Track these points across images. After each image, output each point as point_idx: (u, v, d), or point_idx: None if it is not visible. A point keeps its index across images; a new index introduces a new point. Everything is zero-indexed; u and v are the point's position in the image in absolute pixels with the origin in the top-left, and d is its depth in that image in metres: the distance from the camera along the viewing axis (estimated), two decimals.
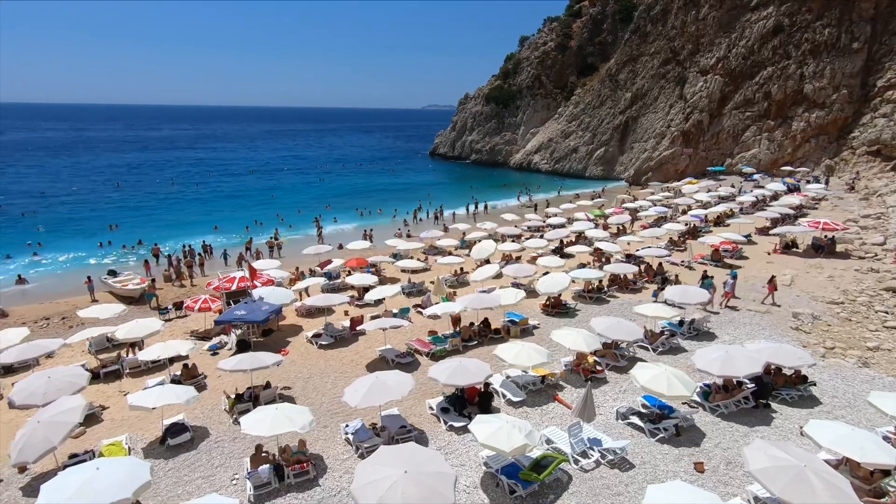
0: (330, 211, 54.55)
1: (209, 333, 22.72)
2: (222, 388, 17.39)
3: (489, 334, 21.17)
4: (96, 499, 9.88)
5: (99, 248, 38.54)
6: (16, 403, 15.34)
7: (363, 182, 78.20)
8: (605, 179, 74.44)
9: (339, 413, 15.74)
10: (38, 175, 79.01)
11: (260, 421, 12.69)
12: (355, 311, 24.69)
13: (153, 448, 14.30)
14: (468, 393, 15.65)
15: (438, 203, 56.79)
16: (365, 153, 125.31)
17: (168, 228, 46.14)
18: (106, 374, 18.96)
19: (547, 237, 36.57)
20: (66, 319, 25.34)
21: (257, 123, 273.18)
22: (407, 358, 19.23)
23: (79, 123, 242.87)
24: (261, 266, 28.30)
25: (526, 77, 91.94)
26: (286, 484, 12.47)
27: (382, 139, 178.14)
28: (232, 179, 79.31)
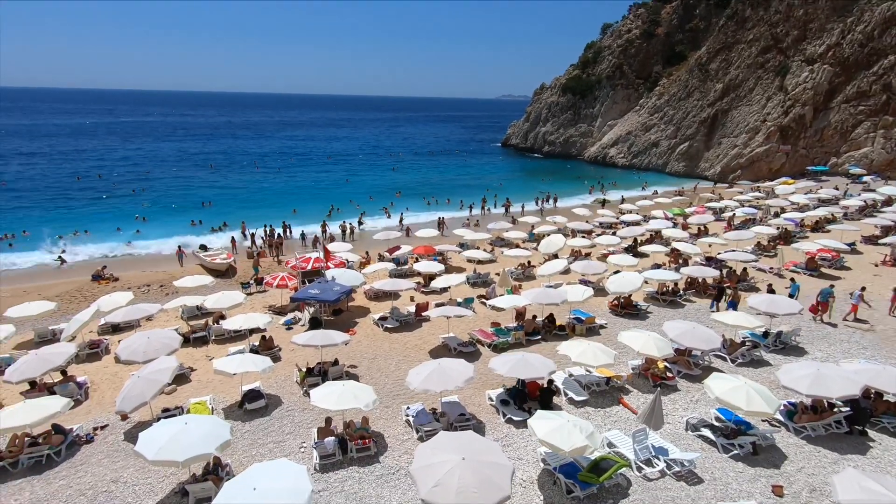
0: (400, 198, 55.77)
1: (285, 309, 24.17)
2: (295, 361, 18.47)
3: (553, 330, 20.79)
4: (185, 450, 10.95)
5: (191, 227, 42.07)
6: (121, 358, 17.27)
7: (434, 171, 79.05)
8: (687, 176, 69.99)
9: (401, 395, 16.20)
10: (144, 156, 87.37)
11: (328, 395, 13.37)
12: (421, 298, 25.18)
13: (232, 410, 15.52)
14: (529, 387, 15.51)
15: (507, 195, 56.26)
16: (437, 143, 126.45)
17: (252, 209, 49.34)
18: (195, 339, 20.78)
19: (620, 234, 35.15)
20: (164, 287, 27.98)
21: (336, 112, 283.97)
22: (469, 347, 19.38)
23: (176, 109, 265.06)
24: (334, 248, 29.60)
25: (606, 66, 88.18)
26: (349, 457, 13.07)
27: (455, 129, 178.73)
28: (311, 165, 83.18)
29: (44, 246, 35.33)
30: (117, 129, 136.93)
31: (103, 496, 11.98)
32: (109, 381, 17.66)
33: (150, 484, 12.34)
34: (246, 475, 9.97)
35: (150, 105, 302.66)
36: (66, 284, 28.03)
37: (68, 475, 12.78)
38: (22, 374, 15.65)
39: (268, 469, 10.10)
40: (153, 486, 12.26)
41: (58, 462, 13.26)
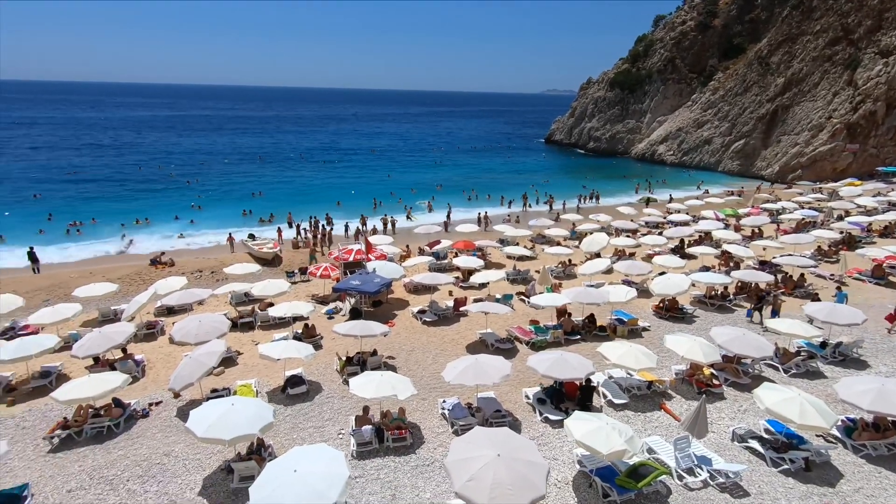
0: (441, 192, 55.97)
1: (327, 299, 24.82)
2: (335, 350, 18.95)
3: (593, 330, 20.38)
4: (231, 430, 11.48)
5: (243, 216, 43.76)
6: (174, 339, 18.26)
7: (475, 166, 78.77)
8: (741, 176, 66.70)
9: (438, 388, 16.33)
10: (199, 149, 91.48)
11: (366, 384, 13.65)
12: (459, 293, 25.24)
13: (275, 394, 16.11)
14: (567, 387, 15.28)
15: (550, 191, 55.40)
16: (479, 138, 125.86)
17: (298, 201, 50.74)
18: (242, 324, 21.68)
19: (667, 234, 33.96)
20: (214, 273, 29.28)
21: (380, 107, 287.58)
22: (507, 344, 19.29)
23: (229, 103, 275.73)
24: (375, 241, 30.08)
25: (658, 60, 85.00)
26: (385, 446, 13.32)
27: (498, 124, 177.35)
28: (355, 159, 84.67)
29: (108, 232, 37.69)
30: (176, 123, 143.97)
31: (157, 468, 12.73)
32: (164, 361, 18.70)
33: (199, 459, 13.01)
34: (287, 457, 10.34)
35: (206, 99, 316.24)
36: (127, 268, 29.81)
37: (126, 446, 13.66)
38: (87, 349, 16.81)
39: (308, 453, 10.43)
40: (201, 462, 12.92)
41: (117, 433, 14.19)
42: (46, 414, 15.15)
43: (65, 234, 37.80)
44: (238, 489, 11.77)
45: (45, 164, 68.43)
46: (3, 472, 12.56)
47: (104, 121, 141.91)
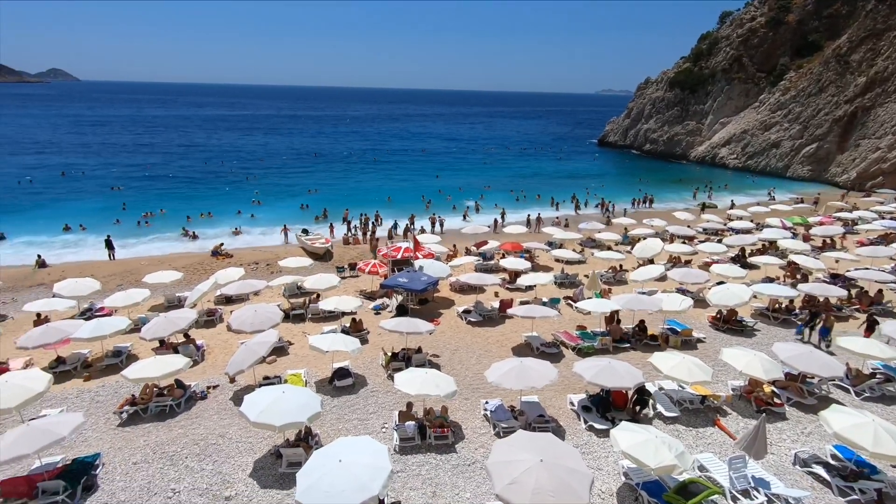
0: (490, 192, 55.79)
1: (375, 294, 25.33)
2: (381, 345, 19.31)
3: (644, 339, 19.68)
4: (281, 416, 11.96)
5: (301, 210, 45.40)
6: (231, 327, 19.23)
7: (525, 167, 77.92)
8: (812, 181, 62.36)
9: (481, 389, 16.30)
10: (259, 146, 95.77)
11: (410, 381, 13.83)
12: (505, 294, 25.08)
13: (323, 385, 16.62)
14: (614, 396, 14.85)
15: (601, 194, 53.98)
16: (530, 138, 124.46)
17: (350, 198, 52.06)
18: (294, 316, 22.52)
19: (727, 242, 32.28)
20: (269, 266, 30.58)
21: (432, 107, 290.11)
22: (552, 348, 18.98)
23: (289, 103, 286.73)
24: (423, 240, 30.40)
25: (723, 59, 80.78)
26: (427, 443, 13.44)
27: (550, 125, 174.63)
28: (405, 158, 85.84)
29: (175, 224, 40.18)
30: (239, 121, 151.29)
31: (212, 448, 13.45)
32: (221, 347, 19.72)
33: (251, 442, 13.64)
34: (333, 447, 10.64)
35: (266, 99, 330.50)
36: (190, 258, 31.68)
37: (185, 425, 14.52)
38: (154, 332, 18.01)
39: (353, 444, 10.69)
40: (253, 445, 13.53)
41: (178, 413, 15.11)
42: (117, 390, 16.35)
43: (136, 225, 40.59)
44: (285, 474, 12.24)
45: (123, 160, 73.83)
46: (78, 441, 13.67)
47: (173, 119, 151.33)
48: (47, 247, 33.96)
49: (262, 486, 11.99)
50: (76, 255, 33.41)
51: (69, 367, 17.80)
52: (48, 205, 46.36)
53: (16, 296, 25.50)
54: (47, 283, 26.53)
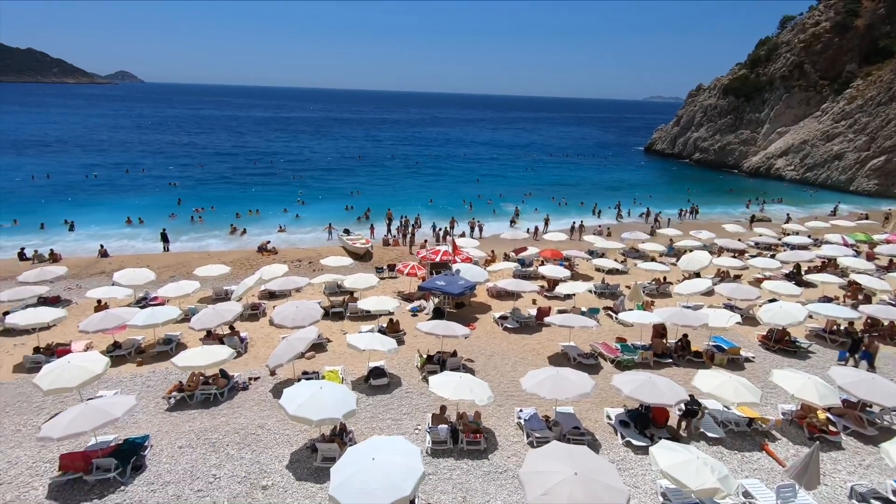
0: (530, 198, 55.30)
1: (412, 296, 25.55)
2: (417, 347, 19.45)
3: (687, 355, 18.96)
4: (318, 411, 12.24)
5: (346, 211, 46.43)
6: (274, 322, 19.84)
7: (568, 173, 76.77)
8: (879, 196, 58.40)
9: (515, 396, 16.14)
10: (306, 148, 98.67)
11: (445, 384, 13.86)
12: (543, 302, 24.76)
13: (359, 383, 16.89)
14: (654, 412, 14.36)
15: (646, 203, 52.45)
16: (575, 144, 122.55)
17: (392, 199, 52.80)
18: (333, 314, 23.00)
19: (780, 258, 30.66)
20: (312, 264, 31.39)
21: (474, 111, 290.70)
22: (590, 359, 18.57)
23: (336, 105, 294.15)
24: (462, 244, 30.43)
25: (783, 65, 77.01)
26: (459, 448, 13.42)
27: (595, 131, 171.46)
28: (448, 162, 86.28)
29: (225, 220, 41.94)
30: (288, 123, 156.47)
31: (251, 437, 13.91)
32: (264, 340, 20.40)
33: (288, 435, 14.02)
34: (366, 444, 10.79)
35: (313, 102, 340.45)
36: (238, 253, 32.95)
37: (227, 414, 15.09)
38: (202, 323, 18.83)
39: (386, 443, 10.80)
40: (290, 438, 13.90)
41: (221, 401, 15.73)
42: (166, 376, 17.19)
43: (189, 220, 42.61)
44: (320, 468, 12.50)
45: (180, 158, 77.79)
46: (129, 423, 14.45)
47: (226, 119, 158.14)
48: (109, 238, 36.14)
49: (297, 478, 12.30)
50: (134, 246, 35.43)
51: (124, 352, 18.86)
52: (112, 199, 49.42)
53: (80, 282, 27.27)
54: (108, 271, 28.23)
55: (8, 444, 13.52)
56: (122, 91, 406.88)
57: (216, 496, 11.68)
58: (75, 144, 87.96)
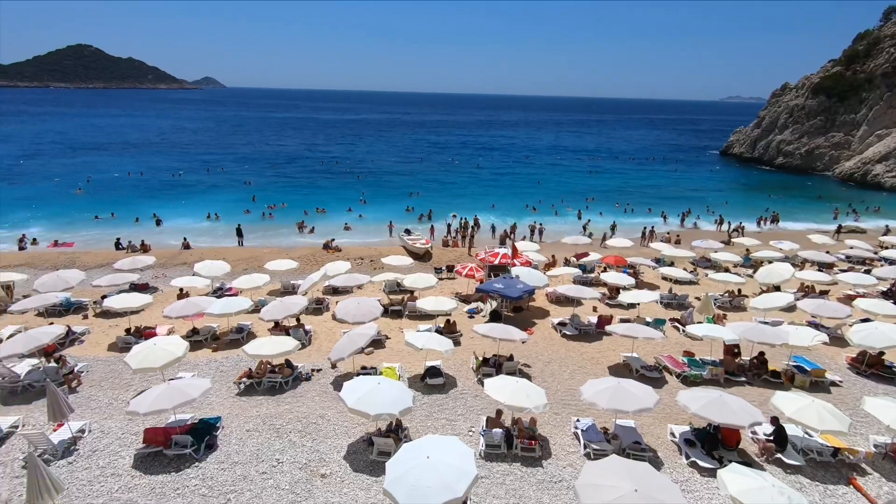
0: (593, 203, 53.73)
1: (469, 298, 25.59)
2: (473, 349, 19.45)
3: (763, 374, 17.63)
4: (376, 406, 12.54)
5: (406, 213, 47.39)
6: (336, 316, 20.59)
7: (634, 177, 73.75)
8: None
9: (572, 405, 15.73)
10: (371, 149, 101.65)
11: (501, 388, 13.75)
12: (605, 310, 23.97)
13: (415, 381, 17.14)
14: (724, 434, 13.46)
15: (720, 209, 49.37)
16: (643, 147, 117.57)
17: (452, 200, 53.20)
18: (392, 312, 23.51)
19: (877, 274, 27.80)
20: (373, 262, 32.25)
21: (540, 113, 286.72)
22: (654, 372, 17.74)
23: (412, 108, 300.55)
24: (522, 247, 30.09)
25: (885, 61, 69.88)
26: (513, 453, 13.26)
27: (666, 133, 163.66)
28: (508, 163, 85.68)
29: (294, 217, 44.07)
30: (355, 125, 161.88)
31: (312, 426, 14.50)
32: (326, 334, 21.21)
33: (346, 427, 14.48)
34: (421, 442, 10.92)
35: (381, 104, 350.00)
36: (305, 249, 34.47)
37: (291, 402, 15.83)
38: (271, 315, 19.88)
39: (440, 442, 10.87)
40: (348, 430, 14.35)
41: (286, 390, 16.52)
42: (237, 363, 18.30)
43: (261, 216, 45.13)
44: (375, 461, 12.81)
45: (255, 158, 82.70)
46: (204, 404, 15.52)
47: (298, 121, 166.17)
48: (191, 231, 39.04)
49: (353, 469, 12.68)
50: (213, 240, 38.04)
51: (201, 338, 20.30)
52: (194, 195, 53.42)
53: (165, 272, 29.67)
54: (189, 262, 30.51)
55: (102, 415, 14.97)
56: (206, 95, 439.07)
57: (278, 479, 12.28)
58: (164, 145, 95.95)
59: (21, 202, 47.84)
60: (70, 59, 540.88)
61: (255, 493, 11.81)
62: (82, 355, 18.82)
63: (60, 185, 56.89)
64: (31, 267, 29.50)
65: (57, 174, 62.89)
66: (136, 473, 12.44)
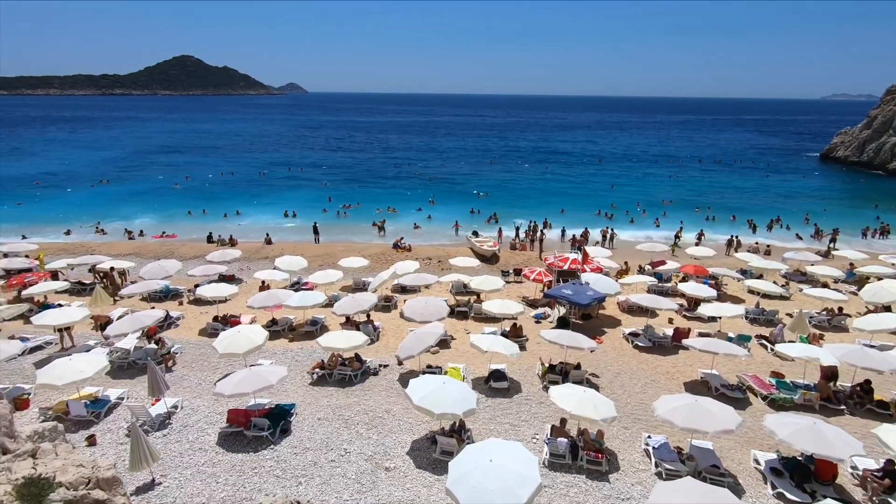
0: (670, 207, 50.88)
1: (536, 302, 25.17)
2: (539, 354, 19.12)
3: (867, 403, 15.80)
4: (440, 405, 12.69)
5: (470, 215, 47.63)
6: (404, 315, 21.06)
7: (720, 182, 68.76)
8: None
9: (643, 420, 15.00)
10: (441, 150, 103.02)
11: (567, 396, 13.39)
12: (682, 322, 22.63)
13: (479, 383, 17.13)
14: (819, 465, 12.23)
15: (819, 218, 44.89)
16: (731, 149, 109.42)
17: (521, 203, 52.62)
18: (458, 312, 23.67)
19: None
20: (440, 262, 32.64)
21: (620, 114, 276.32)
22: (736, 392, 16.47)
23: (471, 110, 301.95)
24: (593, 253, 29.13)
25: None
26: (577, 464, 12.88)
27: (757, 134, 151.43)
28: (581, 166, 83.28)
29: (367, 216, 45.69)
30: (426, 127, 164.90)
31: (378, 420, 14.94)
32: (394, 331, 21.77)
33: (410, 423, 14.77)
34: (484, 445, 10.89)
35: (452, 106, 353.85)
36: (376, 248, 35.62)
37: (359, 395, 16.41)
38: (343, 310, 20.74)
39: (504, 447, 10.78)
40: (412, 426, 14.64)
41: (354, 383, 17.16)
42: (311, 354, 19.27)
43: (336, 215, 47.20)
44: (438, 460, 12.96)
45: (332, 159, 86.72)
46: (280, 390, 16.49)
47: (373, 125, 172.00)
48: (272, 227, 41.64)
49: (416, 465, 12.90)
50: (291, 236, 40.34)
51: (279, 328, 21.59)
52: (275, 193, 56.98)
53: (249, 265, 31.88)
54: (271, 257, 32.56)
55: (192, 393, 16.36)
56: (289, 100, 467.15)
57: (345, 468, 12.77)
58: (252, 146, 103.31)
59: (130, 197, 53.61)
60: (175, 69, 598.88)
61: (323, 480, 12.37)
62: (177, 338, 20.69)
63: (164, 182, 63.04)
64: (138, 256, 32.89)
65: (160, 172, 69.70)
66: (219, 450, 13.47)
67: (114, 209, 48.01)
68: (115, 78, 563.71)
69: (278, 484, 12.22)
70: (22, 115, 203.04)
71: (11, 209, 47.98)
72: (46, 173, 68.13)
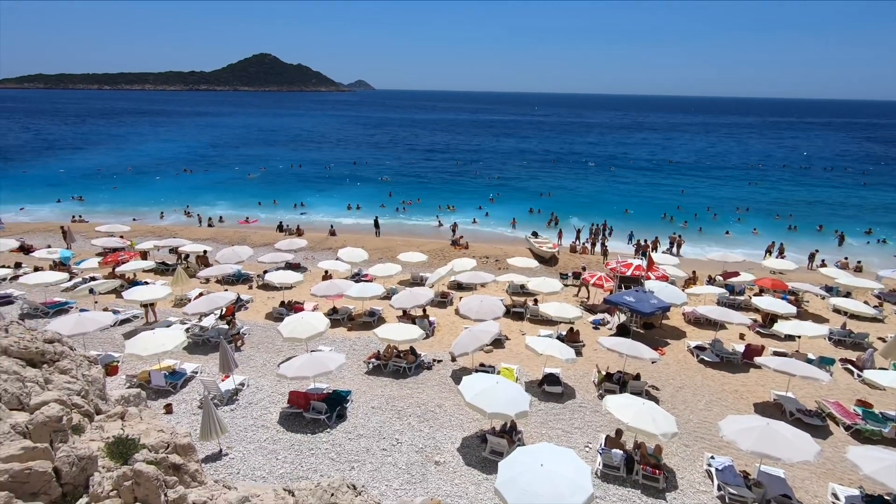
0: (747, 214, 47.62)
1: (595, 308, 24.45)
2: (595, 361, 18.59)
3: None
4: (492, 404, 12.67)
5: (529, 214, 47.03)
6: (459, 311, 21.15)
7: (805, 190, 63.45)
8: None
9: (706, 439, 14.21)
10: (502, 149, 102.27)
11: (625, 407, 12.93)
12: (754, 338, 21.17)
13: (532, 386, 16.91)
14: None
15: None
16: (819, 155, 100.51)
17: (584, 205, 51.22)
18: (514, 313, 23.46)
19: None
20: (498, 261, 32.47)
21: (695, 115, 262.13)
22: (814, 418, 15.19)
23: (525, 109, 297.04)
24: (659, 260, 27.89)
25: None
26: (632, 479, 12.42)
27: (851, 140, 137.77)
28: (649, 168, 79.68)
29: (427, 212, 46.29)
30: (485, 125, 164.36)
31: (430, 414, 15.14)
32: (449, 327, 21.94)
33: (461, 420, 14.85)
34: (535, 449, 10.75)
35: (516, 105, 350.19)
36: (434, 243, 35.99)
37: (412, 388, 16.70)
38: (400, 303, 21.16)
39: (556, 453, 10.58)
40: (463, 423, 14.71)
41: (408, 375, 17.48)
42: (368, 344, 19.83)
43: (395, 210, 48.18)
44: (487, 460, 12.95)
45: (394, 155, 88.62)
46: (338, 377, 17.11)
47: (436, 122, 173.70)
48: (335, 220, 43.18)
49: (466, 462, 12.96)
50: (352, 229, 41.66)
51: (339, 317, 22.37)
52: (340, 187, 59.02)
53: (314, 254, 33.28)
54: (334, 247, 33.79)
55: (257, 373, 17.35)
56: (358, 97, 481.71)
57: (396, 458, 13.05)
58: (320, 141, 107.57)
59: (210, 186, 57.55)
60: (254, 66, 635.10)
61: (375, 467, 12.72)
62: (246, 320, 21.98)
63: (240, 172, 67.11)
64: (215, 241, 35.23)
65: (237, 164, 74.21)
66: (279, 429, 14.20)
67: (196, 196, 51.74)
68: (201, 75, 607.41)
69: (333, 466, 12.71)
70: (121, 108, 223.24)
71: (108, 193, 53.01)
72: (139, 161, 74.61)
